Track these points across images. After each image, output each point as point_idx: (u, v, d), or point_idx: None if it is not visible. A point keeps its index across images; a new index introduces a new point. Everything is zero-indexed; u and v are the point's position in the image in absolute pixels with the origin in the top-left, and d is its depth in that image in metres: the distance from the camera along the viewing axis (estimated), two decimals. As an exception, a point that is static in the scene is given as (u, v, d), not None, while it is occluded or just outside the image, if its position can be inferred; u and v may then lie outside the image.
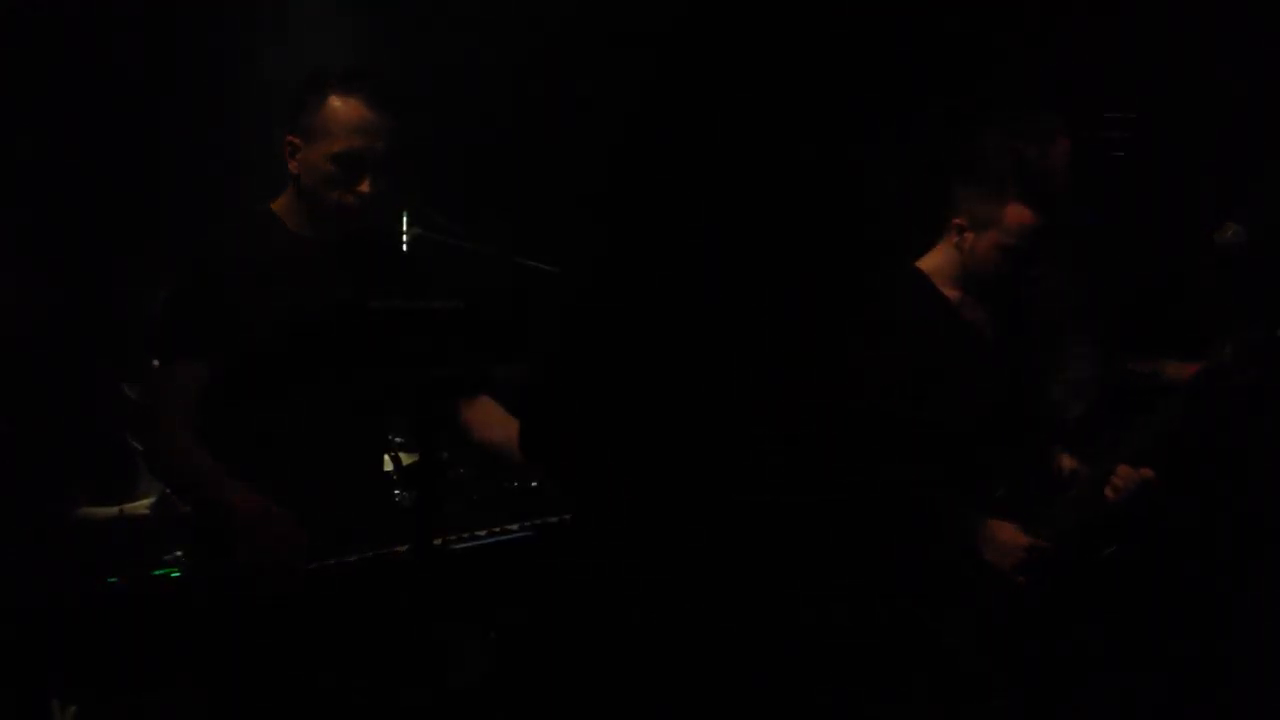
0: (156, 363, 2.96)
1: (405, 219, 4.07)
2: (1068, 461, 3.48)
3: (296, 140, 2.98)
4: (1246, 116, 4.13)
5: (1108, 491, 3.33)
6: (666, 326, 1.75)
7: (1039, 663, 3.31)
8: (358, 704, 2.73)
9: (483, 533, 2.77)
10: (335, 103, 2.94)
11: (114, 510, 3.93)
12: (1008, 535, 3.24)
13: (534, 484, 3.20)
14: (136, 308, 4.27)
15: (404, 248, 3.79)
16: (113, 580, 2.65)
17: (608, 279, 1.70)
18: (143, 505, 4.04)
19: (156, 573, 2.69)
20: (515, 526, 2.78)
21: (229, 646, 2.61)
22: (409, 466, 3.25)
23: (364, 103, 2.95)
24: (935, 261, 3.39)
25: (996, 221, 3.26)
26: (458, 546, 2.72)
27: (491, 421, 3.15)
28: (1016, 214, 3.25)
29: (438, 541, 2.64)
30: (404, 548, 2.68)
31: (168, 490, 3.91)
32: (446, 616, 2.76)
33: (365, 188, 2.97)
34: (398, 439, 3.47)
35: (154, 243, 4.57)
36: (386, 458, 3.20)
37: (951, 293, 3.37)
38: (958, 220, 3.33)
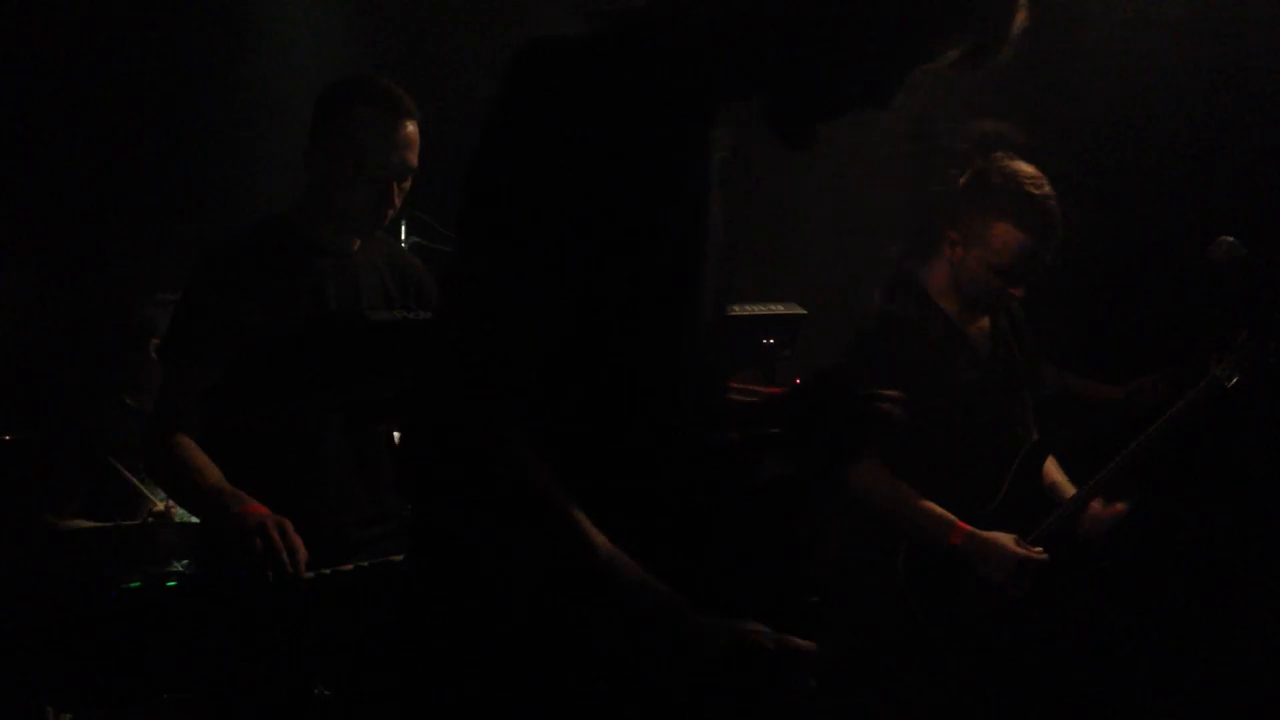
0: (167, 371, 2.95)
1: (404, 227, 4.07)
2: (1056, 474, 3.50)
3: (320, 151, 2.97)
4: (1242, 128, 4.14)
5: (1083, 522, 3.36)
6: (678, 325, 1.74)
7: (1038, 663, 3.33)
8: (355, 713, 2.74)
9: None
10: (365, 116, 2.93)
11: (109, 523, 3.93)
12: (1002, 548, 3.25)
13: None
14: (139, 317, 4.27)
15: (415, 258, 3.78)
16: (109, 590, 2.66)
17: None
18: (139, 521, 4.04)
19: (142, 584, 2.69)
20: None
21: (227, 656, 2.61)
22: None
23: (394, 116, 2.94)
24: (931, 275, 3.41)
25: (985, 238, 3.28)
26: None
27: None
28: (1004, 233, 3.26)
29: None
30: (400, 557, 2.68)
31: (166, 498, 3.91)
32: (441, 626, 2.76)
33: (396, 200, 2.98)
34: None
35: (155, 251, 4.57)
36: None
37: (948, 306, 3.40)
38: (952, 234, 3.35)
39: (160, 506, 4.00)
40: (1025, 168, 3.29)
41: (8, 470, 3.95)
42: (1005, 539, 3.25)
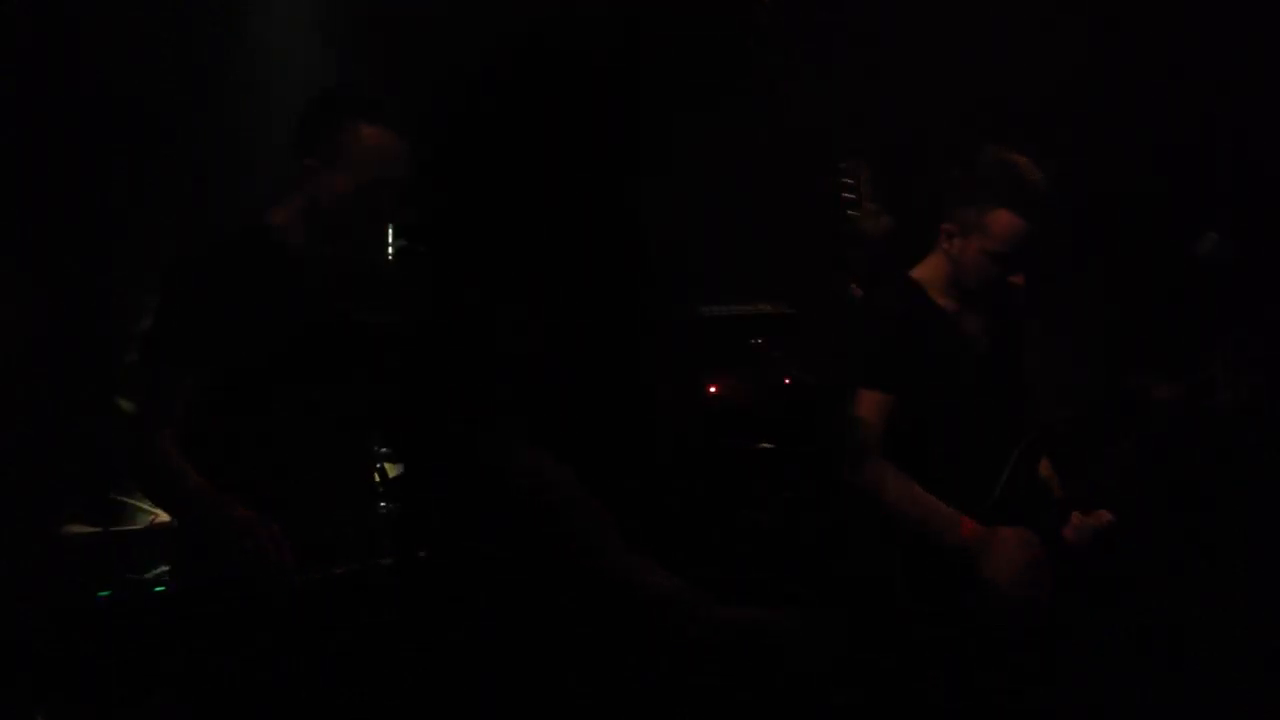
0: (146, 373, 2.95)
1: (391, 233, 4.07)
2: (1047, 472, 3.49)
3: (315, 163, 2.98)
4: (1229, 124, 4.14)
5: (1066, 533, 3.34)
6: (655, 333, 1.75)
7: (1037, 664, 3.32)
8: (344, 716, 2.73)
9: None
10: (367, 131, 2.96)
11: (99, 528, 3.93)
12: (1011, 546, 3.20)
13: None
14: (133, 320, 4.27)
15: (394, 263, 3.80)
16: (98, 595, 2.66)
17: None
18: (137, 525, 4.03)
19: (130, 589, 2.68)
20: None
21: (214, 660, 2.61)
22: (395, 478, 3.24)
23: (392, 131, 2.98)
24: (927, 270, 3.41)
25: (983, 227, 3.28)
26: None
27: None
28: (1002, 219, 3.27)
29: (422, 554, 2.64)
30: (388, 560, 2.68)
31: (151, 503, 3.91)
32: (433, 629, 2.75)
33: (388, 213, 3.02)
34: (384, 450, 3.47)
35: (153, 255, 4.58)
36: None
37: (944, 301, 3.39)
38: (947, 226, 3.35)
39: (163, 518, 4.00)
40: (1018, 155, 3.29)
41: (5, 475, 3.96)
42: (1014, 536, 3.20)
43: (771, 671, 1.61)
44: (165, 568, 3.31)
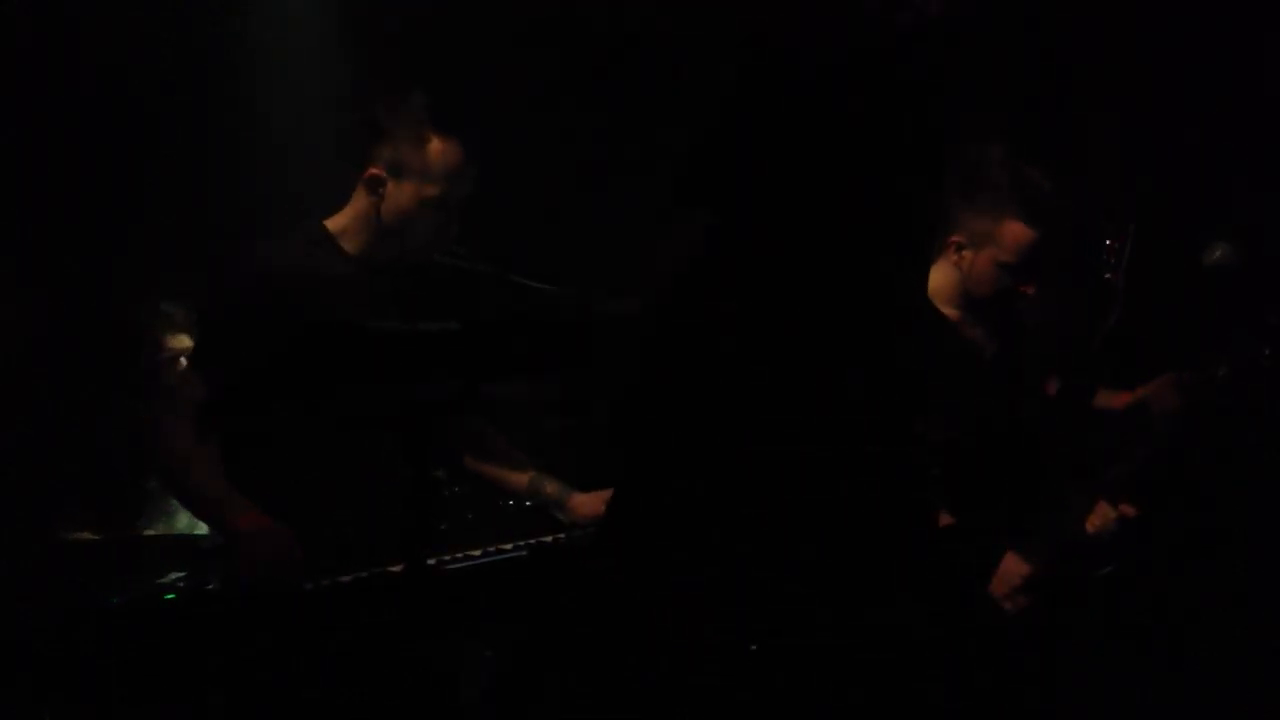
0: (196, 379, 2.92)
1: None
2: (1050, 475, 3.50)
3: (381, 172, 2.96)
4: (1235, 131, 4.14)
5: (1089, 526, 3.35)
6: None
7: (1037, 668, 3.33)
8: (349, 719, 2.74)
9: (477, 552, 2.78)
10: (437, 145, 2.95)
11: (107, 534, 3.93)
12: (1005, 564, 3.24)
13: (527, 503, 3.21)
14: (132, 319, 4.27)
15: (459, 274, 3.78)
16: (109, 600, 2.66)
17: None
18: (154, 530, 4.03)
19: (140, 595, 2.69)
20: (509, 546, 2.79)
21: (225, 667, 2.61)
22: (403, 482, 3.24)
23: (460, 146, 2.97)
24: (934, 281, 3.40)
25: (994, 238, 3.27)
26: (452, 566, 2.73)
27: (493, 452, 3.19)
28: (1014, 230, 3.26)
29: (432, 561, 2.65)
30: (398, 567, 2.68)
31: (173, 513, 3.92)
32: (442, 636, 2.76)
33: (451, 226, 3.00)
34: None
35: (157, 254, 4.58)
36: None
37: (951, 312, 3.38)
38: (956, 238, 3.34)
39: (157, 528, 3.99)
40: (1027, 164, 3.29)
41: (13, 479, 3.95)
42: (1009, 556, 3.24)
43: None
44: (176, 574, 3.31)
